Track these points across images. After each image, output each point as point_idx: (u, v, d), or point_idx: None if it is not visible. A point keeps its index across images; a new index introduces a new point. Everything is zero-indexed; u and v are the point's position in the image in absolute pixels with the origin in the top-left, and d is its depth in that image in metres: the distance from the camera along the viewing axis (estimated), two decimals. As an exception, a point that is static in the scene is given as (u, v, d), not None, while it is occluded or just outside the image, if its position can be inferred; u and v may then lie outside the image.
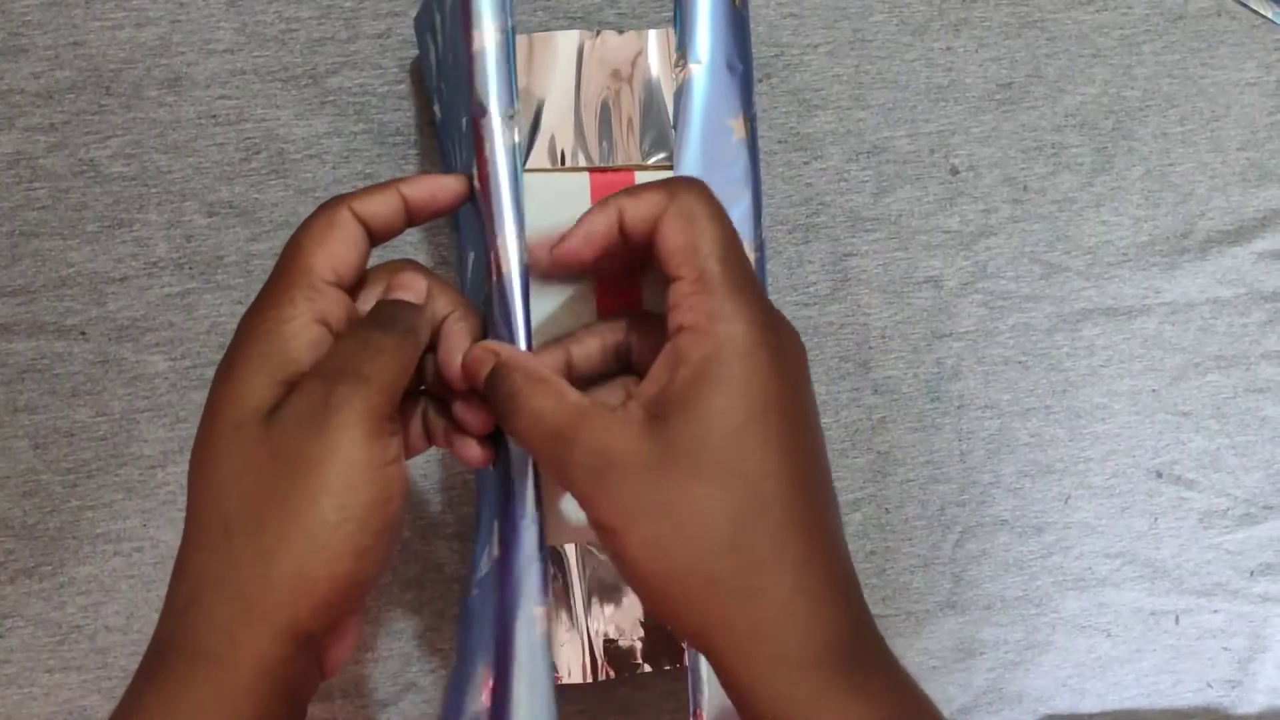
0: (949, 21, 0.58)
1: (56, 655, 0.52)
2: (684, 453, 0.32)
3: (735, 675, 0.32)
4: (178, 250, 0.53)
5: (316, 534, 0.32)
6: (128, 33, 0.53)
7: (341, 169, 0.53)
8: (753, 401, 0.32)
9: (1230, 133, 0.59)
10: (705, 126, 0.43)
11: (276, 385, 0.34)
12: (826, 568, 0.33)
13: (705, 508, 0.32)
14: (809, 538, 0.33)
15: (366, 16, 0.54)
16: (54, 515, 0.52)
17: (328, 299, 0.36)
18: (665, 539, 0.32)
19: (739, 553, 0.32)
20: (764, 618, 0.32)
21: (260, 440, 0.33)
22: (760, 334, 0.33)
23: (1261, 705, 0.59)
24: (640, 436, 0.32)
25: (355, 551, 0.33)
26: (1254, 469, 0.59)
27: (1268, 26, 0.60)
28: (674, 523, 0.32)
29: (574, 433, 0.33)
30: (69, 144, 0.52)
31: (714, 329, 0.33)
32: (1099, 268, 0.58)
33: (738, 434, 0.32)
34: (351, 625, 0.36)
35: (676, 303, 0.34)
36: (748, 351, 0.33)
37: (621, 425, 0.33)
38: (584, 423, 0.33)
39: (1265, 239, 0.59)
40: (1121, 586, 0.58)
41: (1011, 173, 0.58)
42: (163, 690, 0.32)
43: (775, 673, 0.32)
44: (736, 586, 0.32)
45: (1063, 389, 0.58)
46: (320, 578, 0.32)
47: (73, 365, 0.52)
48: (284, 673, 0.32)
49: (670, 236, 0.35)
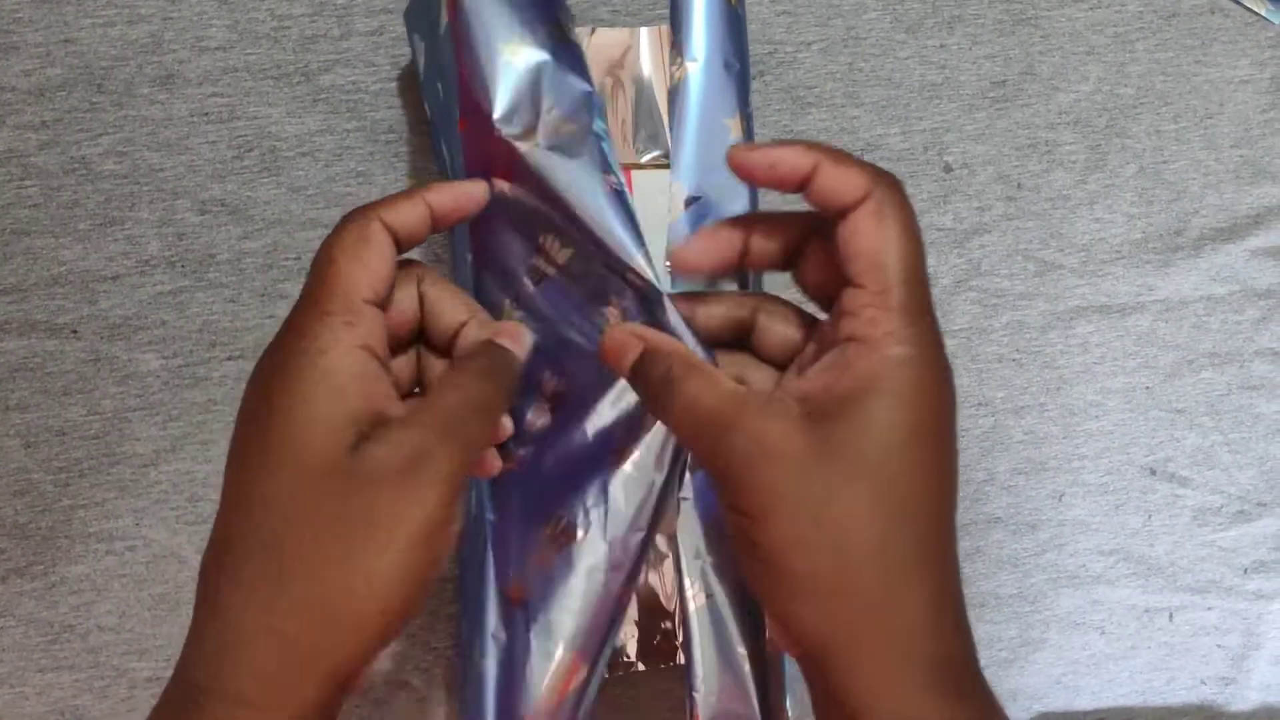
0: (942, 19, 0.58)
1: (49, 655, 0.51)
2: (843, 455, 0.32)
3: (850, 685, 0.32)
4: (170, 248, 0.52)
5: (379, 588, 0.31)
6: (119, 30, 0.52)
7: (334, 167, 0.53)
8: (916, 420, 0.33)
9: (1224, 130, 0.59)
10: (702, 125, 0.43)
11: (339, 430, 0.32)
12: (953, 589, 0.34)
13: (856, 511, 0.32)
14: (943, 558, 0.33)
15: (359, 14, 0.54)
16: (46, 514, 0.52)
17: (368, 320, 0.34)
18: (810, 535, 0.32)
19: (881, 561, 0.32)
20: (894, 629, 0.32)
21: (331, 490, 0.32)
22: (931, 358, 0.33)
23: (1255, 702, 0.59)
24: (799, 431, 0.32)
25: (407, 601, 0.32)
26: (1248, 466, 0.59)
27: (1261, 24, 0.60)
28: (821, 521, 0.32)
29: (731, 419, 0.33)
30: (60, 142, 0.52)
31: (888, 348, 0.33)
32: (1093, 265, 0.58)
33: (900, 448, 0.32)
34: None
35: (853, 311, 0.34)
36: (919, 373, 0.33)
37: (780, 417, 0.33)
38: (742, 410, 0.33)
39: (1259, 236, 0.59)
40: (1116, 584, 0.58)
41: (1005, 170, 0.58)
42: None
43: (895, 687, 0.32)
44: (872, 594, 0.32)
45: (1056, 386, 0.58)
46: (375, 626, 0.32)
47: (64, 364, 0.52)
48: (322, 715, 0.32)
49: (861, 236, 0.34)
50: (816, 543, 0.32)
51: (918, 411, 0.33)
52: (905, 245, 0.34)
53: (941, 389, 0.34)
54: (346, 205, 0.53)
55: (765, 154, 0.35)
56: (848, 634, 0.32)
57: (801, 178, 0.35)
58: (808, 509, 0.32)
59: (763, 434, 0.32)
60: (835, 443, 0.32)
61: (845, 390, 0.33)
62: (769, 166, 0.35)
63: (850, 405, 0.32)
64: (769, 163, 0.35)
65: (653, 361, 0.36)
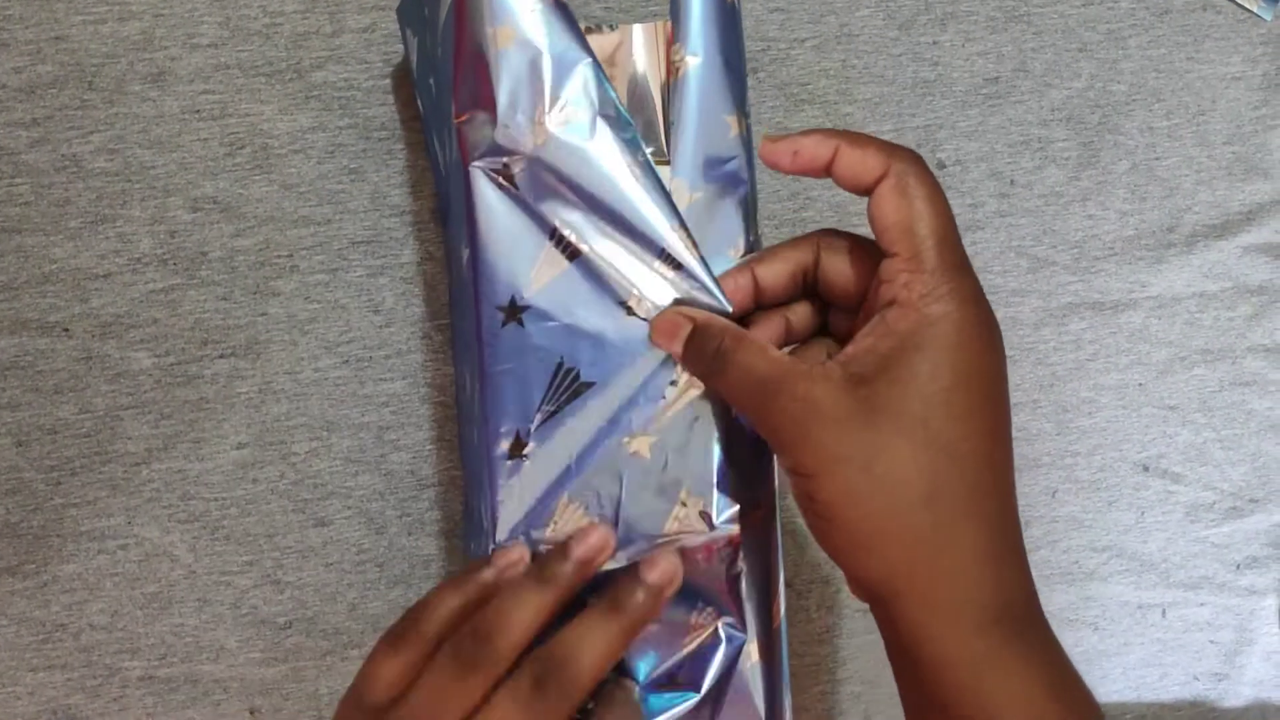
0: (935, 16, 0.58)
1: (40, 654, 0.51)
2: (886, 410, 0.34)
3: (909, 624, 0.34)
4: (161, 246, 0.52)
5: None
6: (110, 27, 0.52)
7: (326, 164, 0.53)
8: (957, 369, 0.34)
9: (1216, 127, 0.60)
10: (702, 121, 0.43)
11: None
12: (1009, 533, 0.35)
13: (903, 460, 0.33)
14: (997, 502, 0.35)
15: (351, 10, 0.53)
16: (37, 513, 0.51)
17: None
18: (862, 487, 0.34)
19: (933, 507, 0.33)
20: (950, 570, 0.34)
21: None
22: (972, 311, 0.35)
23: (1248, 698, 0.59)
24: (843, 391, 0.34)
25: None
26: (1240, 462, 0.59)
27: (1253, 20, 0.60)
28: (872, 473, 0.33)
29: (779, 384, 0.35)
30: (51, 139, 0.52)
31: (926, 307, 0.35)
32: (1085, 262, 0.58)
33: (941, 397, 0.34)
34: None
35: (889, 278, 0.36)
36: (958, 325, 0.34)
37: (825, 380, 0.35)
38: (790, 375, 0.35)
39: (1251, 233, 0.59)
40: (1108, 580, 0.58)
41: (998, 167, 0.58)
42: None
43: (952, 626, 0.34)
44: (927, 538, 0.33)
45: (1049, 383, 0.58)
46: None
47: (56, 362, 0.52)
48: None
49: (887, 210, 0.36)
50: (868, 493, 0.33)
51: (958, 362, 0.34)
52: (930, 209, 0.36)
53: (984, 338, 0.35)
54: (339, 202, 0.53)
55: (790, 143, 0.37)
56: (905, 578, 0.34)
57: (824, 163, 0.37)
58: (857, 463, 0.33)
59: (810, 396, 0.34)
60: (879, 400, 0.34)
61: (887, 350, 0.34)
62: (793, 154, 0.37)
63: (891, 363, 0.34)
64: (793, 150, 0.37)
65: (705, 337, 0.38)
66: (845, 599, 0.56)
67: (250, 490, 0.52)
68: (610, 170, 0.40)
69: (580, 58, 0.40)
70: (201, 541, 0.52)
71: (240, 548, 0.52)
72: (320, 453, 0.53)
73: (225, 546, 0.52)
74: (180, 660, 0.52)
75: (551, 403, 0.40)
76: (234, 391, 0.52)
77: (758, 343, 0.37)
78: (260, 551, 0.52)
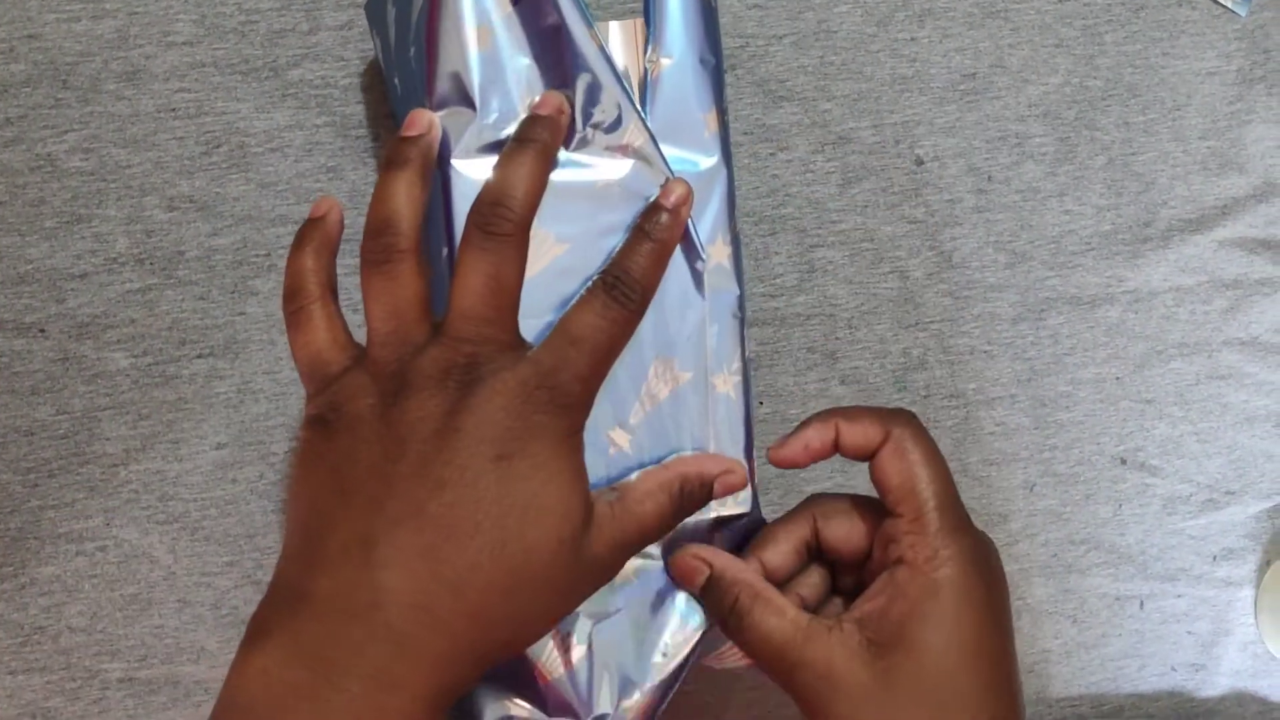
0: (913, 12, 0.58)
1: (19, 657, 0.51)
2: (902, 684, 0.37)
3: None
4: (138, 246, 0.52)
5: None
6: (84, 25, 0.52)
7: (304, 162, 0.53)
8: (965, 644, 0.37)
9: (1191, 122, 0.60)
10: (677, 121, 0.43)
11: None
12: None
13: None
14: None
15: (328, 8, 0.53)
16: (14, 515, 0.51)
17: None
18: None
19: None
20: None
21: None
22: (974, 577, 0.38)
23: (1225, 688, 0.60)
24: (861, 663, 0.37)
25: None
26: (1216, 455, 0.60)
27: (1228, 16, 0.60)
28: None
29: (799, 653, 0.38)
30: (25, 138, 0.51)
31: (931, 570, 0.37)
32: (1063, 257, 0.59)
33: (952, 673, 0.37)
34: None
35: (895, 537, 0.39)
36: (963, 594, 0.37)
37: (842, 647, 0.37)
38: (808, 644, 0.38)
39: (1226, 227, 0.60)
40: (1086, 573, 0.59)
41: (976, 163, 0.58)
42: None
43: None
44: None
45: (1027, 378, 0.58)
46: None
47: (32, 363, 0.51)
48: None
49: (889, 473, 0.39)
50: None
51: (967, 631, 0.37)
52: (930, 473, 0.39)
53: (989, 597, 0.38)
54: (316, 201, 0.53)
55: (797, 441, 0.41)
56: None
57: (831, 444, 0.40)
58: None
59: (829, 666, 0.37)
60: (895, 672, 0.37)
61: (899, 616, 0.37)
62: (804, 449, 0.40)
63: (905, 633, 0.37)
64: (802, 446, 0.41)
65: (721, 590, 0.40)
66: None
67: (230, 490, 0.52)
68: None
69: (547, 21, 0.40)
70: (181, 542, 0.52)
71: (220, 548, 0.52)
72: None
73: (205, 547, 0.52)
74: (161, 662, 0.52)
75: None
76: (212, 391, 0.52)
77: (774, 601, 0.39)
78: (240, 552, 0.52)
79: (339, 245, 0.39)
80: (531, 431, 0.34)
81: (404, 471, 0.33)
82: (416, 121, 0.38)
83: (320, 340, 0.37)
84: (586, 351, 0.35)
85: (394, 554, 0.33)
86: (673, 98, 0.43)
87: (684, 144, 0.43)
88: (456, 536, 0.33)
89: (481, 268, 0.35)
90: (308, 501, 0.35)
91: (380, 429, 0.34)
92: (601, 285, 0.37)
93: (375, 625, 0.32)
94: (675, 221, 0.39)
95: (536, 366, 0.35)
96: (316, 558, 0.33)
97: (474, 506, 0.33)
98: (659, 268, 0.39)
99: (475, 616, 0.33)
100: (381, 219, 0.36)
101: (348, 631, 0.32)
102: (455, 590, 0.33)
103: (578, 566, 0.35)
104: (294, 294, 0.37)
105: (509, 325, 0.36)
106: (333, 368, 0.36)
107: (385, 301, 0.36)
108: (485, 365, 0.34)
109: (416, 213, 0.36)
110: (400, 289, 0.36)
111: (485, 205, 0.36)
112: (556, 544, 0.34)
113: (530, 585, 0.34)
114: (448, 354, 0.34)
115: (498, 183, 0.37)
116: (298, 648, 0.32)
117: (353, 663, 0.32)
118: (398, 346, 0.35)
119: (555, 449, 0.34)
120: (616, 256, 0.38)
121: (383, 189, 0.37)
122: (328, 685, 0.32)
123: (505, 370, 0.34)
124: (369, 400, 0.34)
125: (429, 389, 0.34)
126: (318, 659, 0.32)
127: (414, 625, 0.32)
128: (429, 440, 0.33)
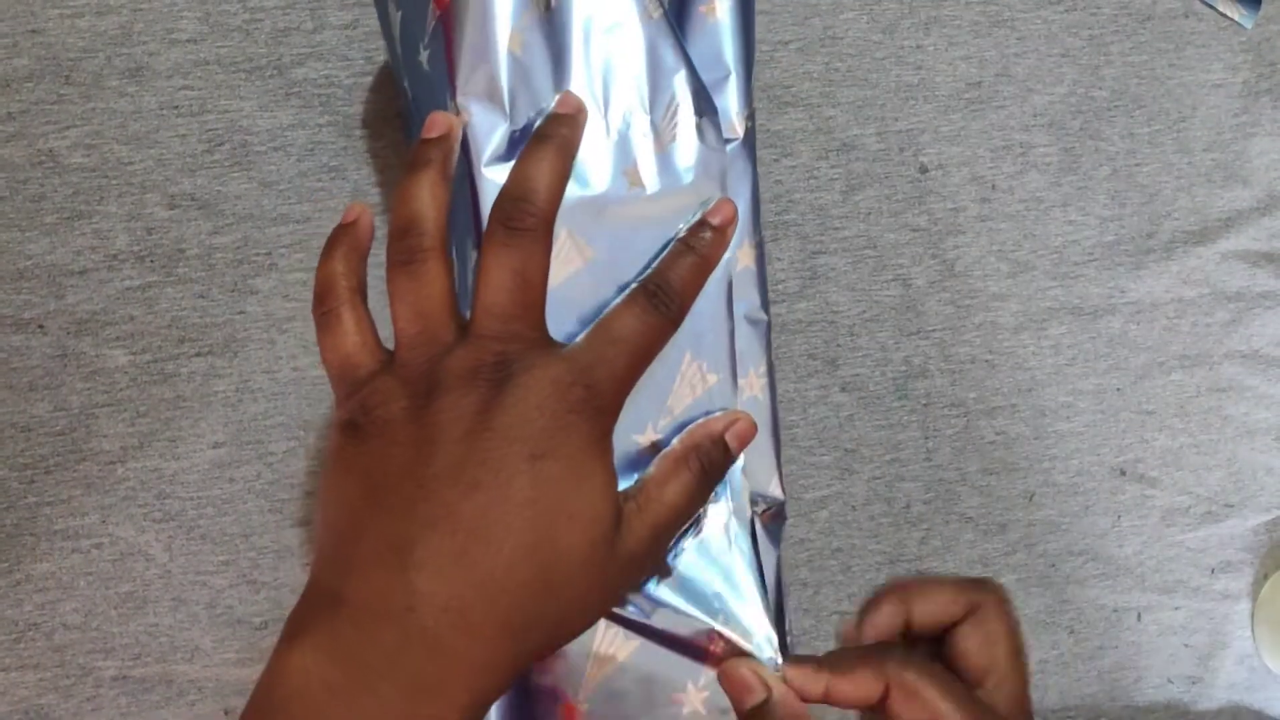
0: (919, 20, 0.58)
1: (13, 654, 0.51)
2: None
3: None
4: (138, 243, 0.52)
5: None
6: (88, 21, 0.52)
7: (306, 161, 0.53)
8: None
9: (1196, 134, 0.60)
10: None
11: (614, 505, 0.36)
12: None
13: None
14: None
15: (332, 7, 0.53)
16: (10, 512, 0.51)
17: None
18: None
19: None
20: None
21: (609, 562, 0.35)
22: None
23: (1221, 701, 0.60)
24: None
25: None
26: (1216, 467, 0.60)
27: (1234, 28, 0.60)
28: None
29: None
30: (27, 134, 0.51)
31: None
32: (1065, 267, 0.59)
33: None
34: None
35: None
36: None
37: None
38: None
39: (1229, 239, 0.60)
40: (1084, 584, 0.58)
41: (979, 172, 0.58)
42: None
43: None
44: None
45: (1028, 387, 0.58)
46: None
47: (30, 359, 0.51)
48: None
49: (970, 652, 0.38)
50: None
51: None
52: (1012, 662, 0.38)
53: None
54: (319, 200, 0.53)
55: (864, 628, 0.39)
56: None
57: (901, 624, 0.39)
58: None
59: None
60: None
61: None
62: (871, 630, 0.39)
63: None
64: (870, 629, 0.39)
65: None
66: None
67: (227, 489, 0.52)
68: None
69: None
70: (177, 541, 0.52)
71: (216, 547, 0.52)
72: (298, 452, 0.52)
73: (201, 546, 0.52)
74: (155, 660, 0.51)
75: None
76: (211, 390, 0.52)
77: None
78: (236, 551, 0.52)
79: (369, 251, 0.39)
80: (565, 430, 0.34)
81: (436, 474, 0.33)
82: (437, 123, 0.38)
83: (350, 343, 0.37)
84: (625, 352, 0.35)
85: (427, 557, 0.32)
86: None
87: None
88: (489, 539, 0.33)
89: (506, 263, 0.35)
90: (340, 505, 0.34)
91: (412, 431, 0.34)
92: (642, 291, 0.37)
93: (410, 629, 0.32)
94: (720, 239, 0.39)
95: (572, 363, 0.34)
96: (351, 562, 0.33)
97: (506, 508, 0.33)
98: (698, 282, 0.38)
99: (508, 619, 0.33)
100: (406, 219, 0.36)
101: (383, 635, 0.32)
102: (488, 594, 0.33)
103: (612, 566, 0.35)
104: (324, 297, 0.37)
105: (536, 321, 0.36)
106: (362, 371, 0.36)
107: (411, 302, 0.35)
108: (516, 362, 0.34)
109: (441, 212, 0.36)
110: (426, 288, 0.36)
111: (508, 201, 0.36)
112: (588, 548, 0.34)
113: (562, 588, 0.34)
114: (476, 352, 0.34)
115: (519, 178, 0.37)
116: (334, 649, 0.32)
117: (388, 668, 0.32)
118: (426, 348, 0.35)
119: (588, 450, 0.34)
120: (659, 266, 0.38)
121: (406, 190, 0.37)
122: (364, 690, 0.32)
123: (537, 367, 0.34)
124: (400, 403, 0.34)
125: (459, 389, 0.34)
126: (354, 662, 0.32)
127: (448, 629, 0.32)
128: (461, 441, 0.33)
